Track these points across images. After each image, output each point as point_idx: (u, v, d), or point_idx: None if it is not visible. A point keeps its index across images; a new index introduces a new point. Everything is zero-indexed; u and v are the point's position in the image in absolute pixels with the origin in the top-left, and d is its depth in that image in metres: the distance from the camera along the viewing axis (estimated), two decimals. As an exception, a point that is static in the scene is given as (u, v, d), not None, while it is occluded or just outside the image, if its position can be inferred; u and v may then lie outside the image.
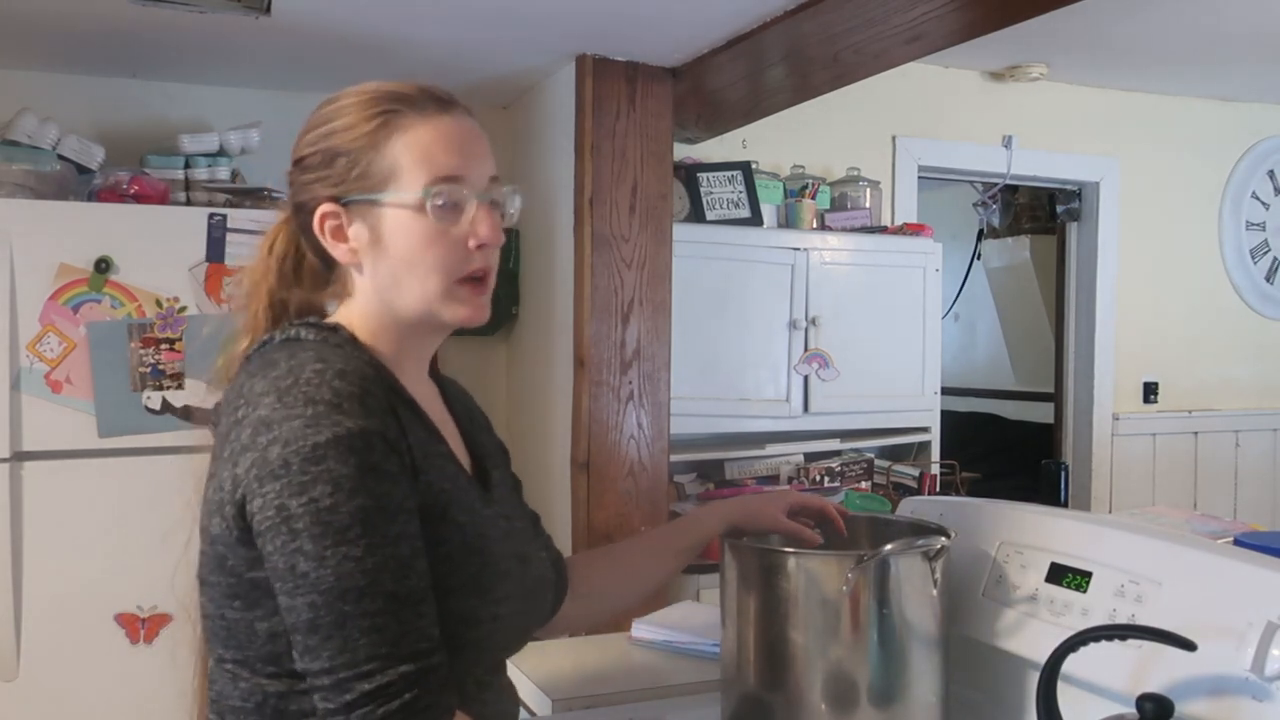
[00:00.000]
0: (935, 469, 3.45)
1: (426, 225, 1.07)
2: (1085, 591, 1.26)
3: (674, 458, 2.97)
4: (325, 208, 1.09)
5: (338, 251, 1.11)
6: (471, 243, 1.09)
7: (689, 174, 3.25)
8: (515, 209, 1.16)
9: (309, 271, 1.17)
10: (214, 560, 1.03)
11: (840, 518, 1.41)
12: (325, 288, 1.17)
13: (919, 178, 3.78)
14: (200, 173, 2.77)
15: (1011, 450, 4.60)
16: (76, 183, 2.69)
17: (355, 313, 1.13)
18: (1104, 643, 1.11)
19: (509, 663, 1.23)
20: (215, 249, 2.60)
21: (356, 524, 0.94)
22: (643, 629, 1.73)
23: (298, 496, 0.94)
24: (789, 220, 3.40)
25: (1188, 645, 1.06)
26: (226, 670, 1.05)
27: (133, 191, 2.63)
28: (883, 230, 3.48)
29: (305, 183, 1.11)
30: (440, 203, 1.07)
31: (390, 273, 1.09)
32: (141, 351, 2.53)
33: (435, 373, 1.26)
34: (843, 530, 1.41)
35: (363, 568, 0.93)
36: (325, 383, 0.98)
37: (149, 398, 2.53)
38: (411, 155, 1.07)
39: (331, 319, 1.14)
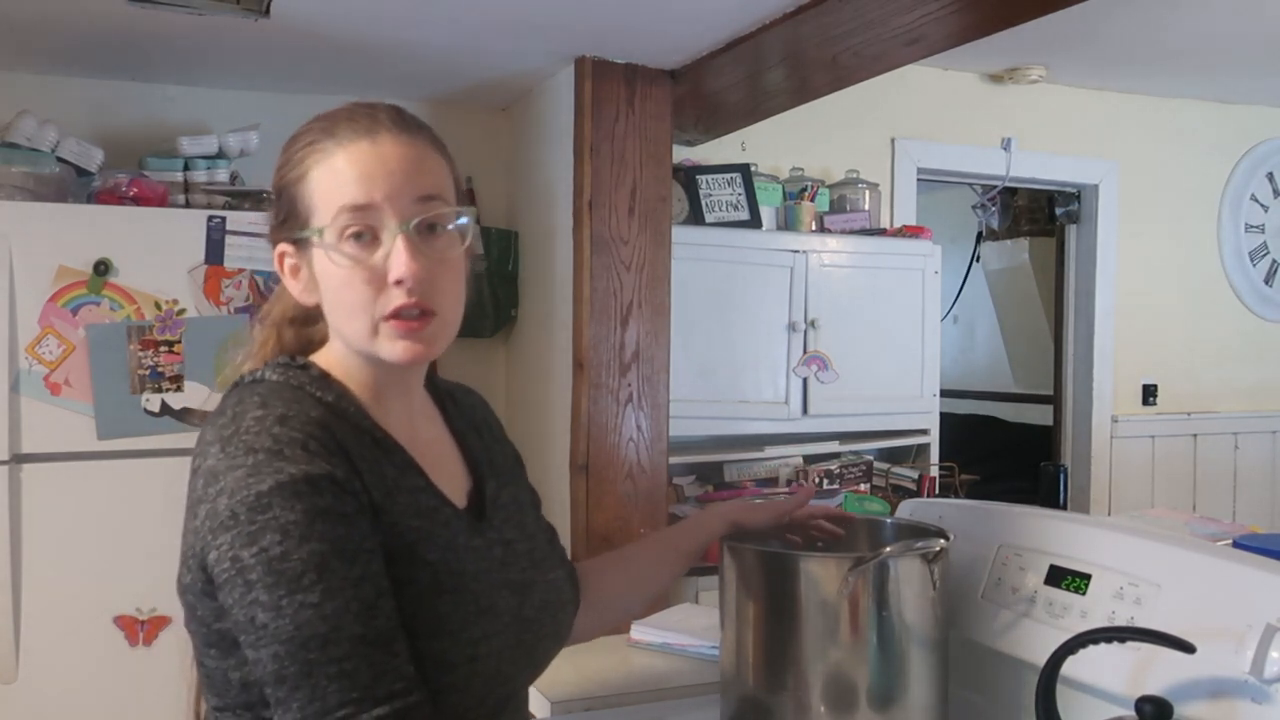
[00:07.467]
0: (934, 471, 3.45)
1: (339, 261, 1.02)
2: (1084, 594, 1.26)
3: (673, 460, 2.97)
4: (281, 247, 1.08)
5: (294, 290, 1.09)
6: (390, 277, 1.01)
7: (688, 176, 3.25)
8: (465, 228, 1.06)
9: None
10: (187, 610, 1.02)
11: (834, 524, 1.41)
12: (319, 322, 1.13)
13: (918, 180, 3.78)
14: (199, 175, 2.76)
15: (1010, 452, 4.60)
16: (75, 185, 2.69)
17: (333, 348, 1.10)
18: (1103, 645, 1.11)
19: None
20: (214, 251, 2.60)
21: (310, 570, 0.91)
22: (642, 631, 1.73)
23: (248, 547, 0.92)
24: (788, 222, 3.40)
25: (1187, 648, 1.07)
26: (215, 716, 1.04)
27: (132, 194, 2.63)
28: (882, 232, 3.48)
29: (271, 222, 1.10)
30: (347, 234, 1.01)
31: (330, 313, 1.07)
32: (140, 354, 2.52)
33: (439, 385, 1.22)
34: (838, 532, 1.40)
35: (322, 614, 0.91)
36: (265, 430, 0.96)
37: (148, 400, 2.53)
38: (323, 188, 1.02)
39: (318, 354, 1.11)
